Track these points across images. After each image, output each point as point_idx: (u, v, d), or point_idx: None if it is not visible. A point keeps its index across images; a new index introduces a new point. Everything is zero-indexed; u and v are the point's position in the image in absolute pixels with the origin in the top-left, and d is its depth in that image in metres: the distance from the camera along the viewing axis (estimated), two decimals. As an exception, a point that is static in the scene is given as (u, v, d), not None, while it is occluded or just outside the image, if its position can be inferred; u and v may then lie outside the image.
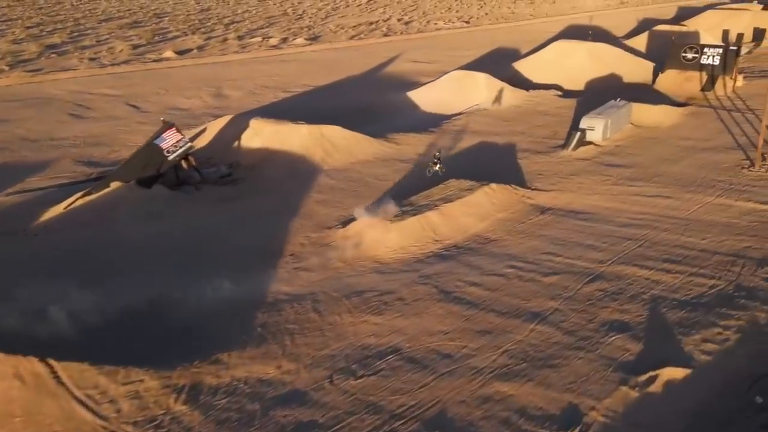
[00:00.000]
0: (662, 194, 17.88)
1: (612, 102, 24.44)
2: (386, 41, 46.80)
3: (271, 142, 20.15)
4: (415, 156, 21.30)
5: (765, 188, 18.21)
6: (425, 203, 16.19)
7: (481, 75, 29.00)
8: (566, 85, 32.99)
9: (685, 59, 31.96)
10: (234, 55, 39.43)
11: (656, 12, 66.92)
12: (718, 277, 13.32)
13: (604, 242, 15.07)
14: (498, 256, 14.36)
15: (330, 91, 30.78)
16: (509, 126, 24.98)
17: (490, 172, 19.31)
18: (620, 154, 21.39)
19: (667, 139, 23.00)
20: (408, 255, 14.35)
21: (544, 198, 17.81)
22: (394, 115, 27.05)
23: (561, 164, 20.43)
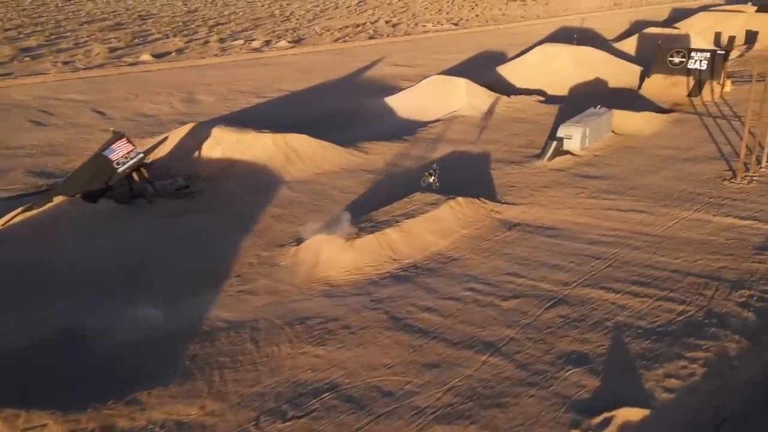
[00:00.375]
0: (637, 208, 17.04)
1: (592, 109, 23.61)
2: (371, 44, 45.97)
3: (232, 151, 19.30)
4: (384, 166, 20.48)
5: (745, 202, 17.34)
6: (386, 219, 15.32)
7: (460, 80, 28.15)
8: (550, 90, 32.19)
9: (672, 64, 31.16)
10: (213, 58, 38.57)
11: (650, 14, 66.20)
12: (688, 302, 12.47)
13: (572, 261, 14.22)
14: (457, 277, 13.51)
15: (305, 96, 29.94)
16: (485, 134, 24.14)
17: (460, 183, 18.49)
18: (597, 164, 20.55)
19: (647, 148, 22.18)
20: (362, 276, 13.49)
21: (513, 212, 16.97)
22: (369, 122, 26.21)
23: (535, 175, 19.59)
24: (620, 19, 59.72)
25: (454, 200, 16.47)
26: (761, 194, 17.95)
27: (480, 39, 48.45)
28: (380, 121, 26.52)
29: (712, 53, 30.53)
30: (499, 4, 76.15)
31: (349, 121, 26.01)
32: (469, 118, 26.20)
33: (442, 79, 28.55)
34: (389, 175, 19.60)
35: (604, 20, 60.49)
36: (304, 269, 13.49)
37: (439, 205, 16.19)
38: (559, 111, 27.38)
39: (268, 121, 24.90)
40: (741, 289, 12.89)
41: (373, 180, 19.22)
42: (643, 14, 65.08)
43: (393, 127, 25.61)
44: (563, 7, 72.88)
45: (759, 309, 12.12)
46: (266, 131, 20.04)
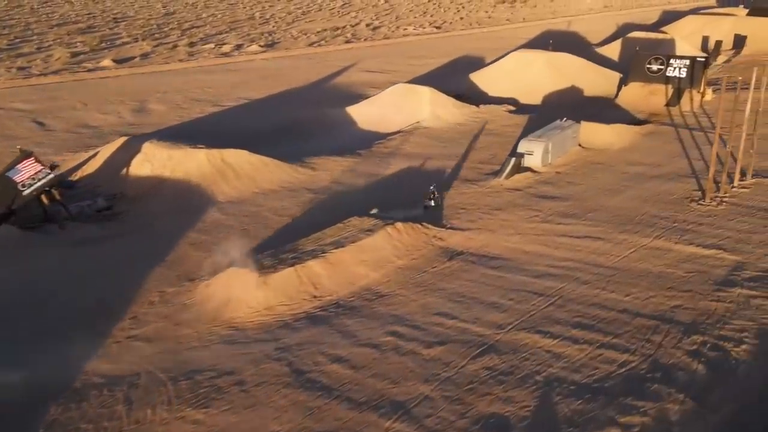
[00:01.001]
0: (593, 234, 15.60)
1: (557, 122, 22.19)
2: (346, 48, 44.55)
3: (162, 169, 17.86)
4: (329, 184, 19.03)
5: (712, 227, 15.91)
6: (312, 248, 13.88)
7: (424, 89, 26.72)
8: (523, 98, 30.78)
9: (650, 71, 29.77)
10: (177, 63, 37.11)
11: (639, 17, 64.81)
12: (632, 350, 11.04)
13: (511, 299, 12.79)
14: (381, 318, 12.07)
15: (264, 105, 28.51)
16: (446, 148, 22.72)
17: (405, 206, 17.03)
18: (558, 183, 19.11)
19: (614, 164, 20.76)
20: (273, 317, 12.04)
21: (458, 239, 15.53)
22: (326, 134, 24.78)
23: (489, 196, 18.15)
24: (608, 23, 58.35)
25: (393, 226, 15.05)
26: (730, 218, 16.51)
27: (461, 43, 47.04)
28: (338, 133, 25.08)
29: (691, 60, 29.13)
30: (486, 7, 74.72)
31: (305, 133, 24.59)
32: (431, 129, 24.76)
33: (406, 88, 27.11)
34: (333, 194, 18.17)
35: (591, 23, 59.12)
36: (210, 309, 12.04)
37: (374, 231, 14.77)
38: (528, 122, 25.98)
39: (216, 133, 23.51)
40: (694, 335, 11.46)
41: (313, 200, 17.79)
42: (633, 17, 63.70)
43: (350, 139, 24.17)
44: (551, 10, 71.46)
45: (710, 360, 10.69)
46: (201, 146, 18.60)
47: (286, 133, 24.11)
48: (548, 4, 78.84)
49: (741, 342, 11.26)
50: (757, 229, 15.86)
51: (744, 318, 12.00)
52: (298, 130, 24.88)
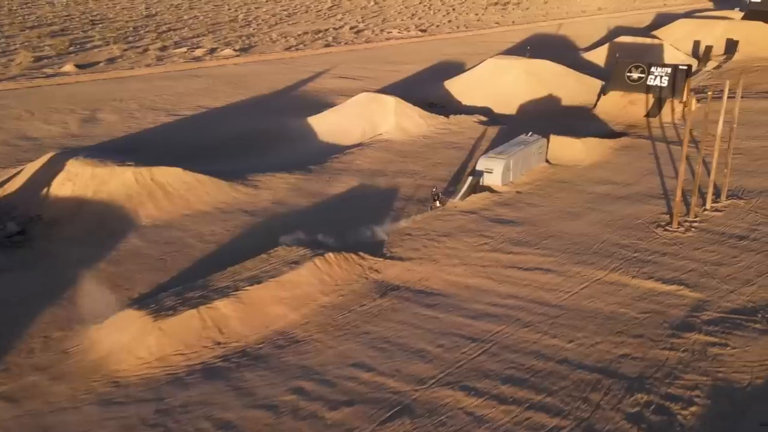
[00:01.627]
0: (544, 266, 14.15)
1: (522, 137, 20.73)
2: (324, 52, 43.10)
3: (84, 189, 16.44)
4: (270, 205, 17.60)
5: (676, 258, 14.46)
6: (225, 285, 12.41)
7: (390, 99, 25.27)
8: (498, 107, 29.36)
9: (630, 80, 28.31)
10: (143, 69, 35.67)
11: (632, 19, 63.31)
12: (565, 413, 9.59)
13: (441, 345, 11.36)
14: (288, 371, 10.62)
15: (222, 114, 27.07)
16: (404, 163, 21.25)
17: (345, 231, 15.60)
18: (516, 204, 17.64)
19: (581, 183, 19.29)
20: (164, 370, 10.57)
21: (396, 271, 14.09)
22: (281, 147, 23.34)
23: (440, 219, 16.70)
24: (600, 25, 56.85)
25: (323, 257, 13.59)
26: (697, 246, 15.04)
27: (444, 47, 45.61)
28: (295, 146, 23.67)
29: (673, 68, 27.64)
30: (478, 9, 73.22)
31: (259, 145, 23.17)
32: (393, 142, 23.30)
33: (370, 97, 25.66)
34: (270, 217, 16.73)
35: (582, 26, 57.65)
36: (94, 359, 10.56)
37: (301, 264, 13.32)
38: (498, 134, 24.53)
39: (161, 146, 22.14)
40: (638, 392, 10.01)
41: (247, 224, 16.35)
42: (626, 20, 62.21)
43: (306, 152, 22.74)
44: (543, 12, 69.97)
45: (652, 426, 9.21)
46: (130, 164, 17.14)
47: (238, 146, 22.66)
48: (542, 6, 77.37)
49: (690, 403, 9.83)
50: (725, 260, 14.39)
51: (697, 371, 10.55)
52: (252, 142, 23.46)
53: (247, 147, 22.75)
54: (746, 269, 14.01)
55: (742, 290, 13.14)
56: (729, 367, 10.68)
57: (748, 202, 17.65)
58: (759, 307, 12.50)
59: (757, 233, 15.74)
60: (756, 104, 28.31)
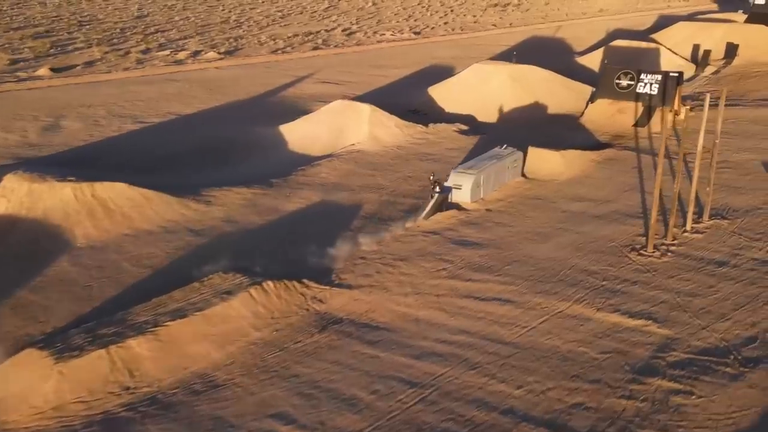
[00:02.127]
0: (503, 296, 12.99)
1: (496, 150, 19.57)
2: (311, 56, 41.99)
3: (19, 206, 15.40)
4: (219, 223, 16.49)
5: (647, 287, 13.31)
6: (145, 319, 11.23)
7: (365, 107, 24.12)
8: (481, 115, 28.14)
9: (619, 87, 27.08)
10: (120, 72, 34.66)
11: (633, 22, 61.89)
12: (500, 479, 8.34)
13: (376, 391, 10.26)
14: (197, 424, 9.52)
15: (192, 121, 26.01)
16: (372, 177, 20.12)
17: (296, 253, 14.46)
18: (484, 224, 16.49)
19: (556, 199, 18.10)
20: (59, 422, 9.48)
21: (341, 301, 12.96)
22: (247, 157, 22.30)
23: (399, 241, 15.57)
24: (599, 28, 55.53)
25: (260, 286, 12.48)
26: (672, 274, 13.87)
27: (435, 50, 44.42)
28: (262, 156, 22.60)
29: (664, 76, 26.44)
30: (476, 11, 71.96)
31: (224, 156, 22.09)
32: (365, 153, 22.16)
33: (345, 105, 24.53)
34: (216, 237, 15.63)
35: (581, 28, 56.36)
36: (-17, 408, 9.39)
37: (234, 294, 12.18)
38: (478, 144, 23.32)
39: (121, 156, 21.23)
40: (586, 454, 8.76)
41: (191, 245, 15.24)
42: (627, 22, 60.81)
43: (272, 164, 21.65)
44: (543, 14, 68.67)
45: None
46: (71, 179, 16.06)
47: (202, 156, 21.60)
48: (542, 7, 76.06)
49: (643, 467, 8.59)
50: (701, 290, 13.22)
51: (655, 426, 9.38)
52: (217, 152, 22.36)
53: (211, 157, 21.68)
54: (722, 301, 12.81)
55: (715, 326, 11.94)
56: (691, 420, 9.52)
57: (732, 223, 16.45)
58: (732, 347, 11.30)
59: (739, 259, 14.53)
60: (750, 113, 27.05)
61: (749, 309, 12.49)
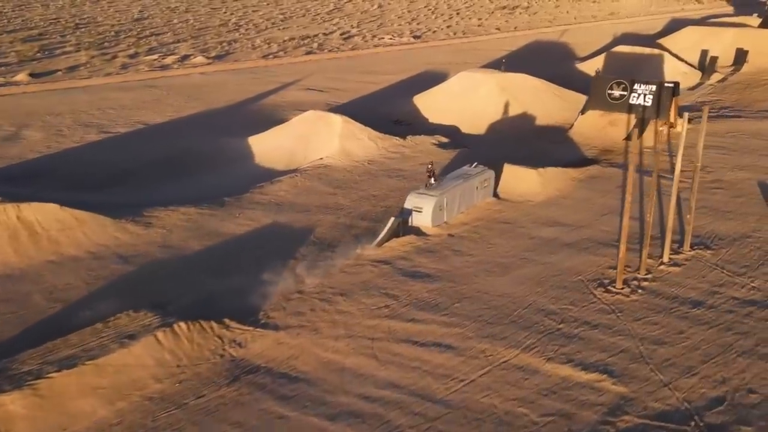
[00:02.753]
0: (446, 340, 11.62)
1: (465, 168, 18.15)
2: (303, 60, 40.71)
3: (-65, 231, 14.05)
4: (153, 248, 15.23)
5: (609, 331, 11.84)
6: (27, 369, 9.93)
7: (337, 118, 22.76)
8: (466, 126, 26.72)
9: (611, 98, 25.52)
10: (101, 78, 33.64)
11: (643, 26, 60.11)
12: None
13: (273, 462, 8.72)
14: (59, 500, 8.06)
15: (160, 131, 24.89)
16: (334, 196, 18.75)
17: (224, 287, 13.11)
18: (442, 252, 15.06)
19: (526, 224, 16.63)
20: None
21: (263, 345, 11.63)
22: (207, 172, 21.13)
23: (344, 272, 14.23)
24: (606, 32, 53.86)
25: (170, 328, 11.12)
26: (639, 316, 12.40)
27: (432, 55, 43.02)
28: (225, 170, 21.34)
29: (658, 86, 24.80)
30: (483, 14, 70.39)
31: (184, 170, 20.90)
32: (332, 168, 20.78)
33: (317, 116, 23.20)
34: (146, 265, 14.33)
35: (587, 33, 54.72)
36: None
37: (138, 337, 10.82)
38: (455, 159, 21.88)
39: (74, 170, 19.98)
40: None
41: (116, 274, 13.97)
42: (636, 26, 59.06)
43: (233, 178, 20.41)
44: (551, 18, 66.97)
45: None
46: None
47: (160, 171, 20.41)
48: (551, 10, 74.37)
49: None
50: (669, 336, 11.73)
51: None
52: (177, 165, 21.14)
53: (171, 171, 20.46)
54: (691, 351, 11.31)
55: (678, 383, 10.45)
56: None
57: (716, 254, 14.90)
58: (694, 410, 9.81)
59: (717, 298, 13.01)
60: (752, 125, 25.39)
61: (720, 362, 10.96)
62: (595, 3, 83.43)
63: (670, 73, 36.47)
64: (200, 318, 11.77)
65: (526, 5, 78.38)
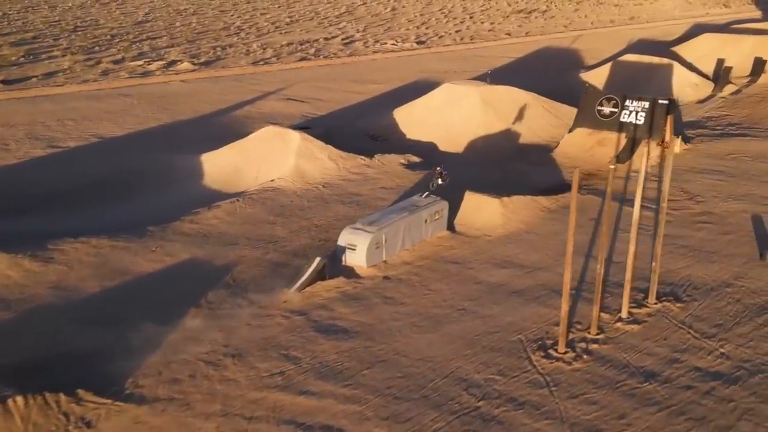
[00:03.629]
0: (336, 423, 9.94)
1: (414, 198, 16.21)
2: (294, 67, 39.04)
3: None
4: (45, 291, 13.42)
5: (534, 413, 9.87)
6: None
7: (295, 135, 20.93)
8: (444, 144, 24.73)
9: (601, 114, 23.34)
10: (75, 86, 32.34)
11: (662, 31, 57.44)
12: None
13: None
14: None
15: (112, 145, 23.43)
16: (272, 226, 16.98)
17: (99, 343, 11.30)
18: (370, 300, 13.13)
19: (476, 265, 14.67)
20: None
21: (117, 424, 10.00)
22: (148, 193, 19.37)
23: (248, 324, 12.39)
24: (621, 38, 51.38)
25: (1, 405, 9.14)
26: (577, 391, 10.42)
27: (432, 62, 41.07)
28: (164, 192, 19.70)
29: (652, 102, 22.54)
30: (498, 18, 68.06)
31: (120, 192, 19.34)
32: (282, 192, 18.95)
33: (274, 133, 21.40)
34: (23, 314, 12.46)
35: (601, 38, 52.29)
36: None
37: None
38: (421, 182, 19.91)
39: None
40: None
41: None
42: (655, 31, 56.44)
43: (170, 203, 18.75)
44: (566, 22, 64.48)
45: None
46: None
47: (91, 193, 18.85)
48: (569, 14, 71.81)
49: None
50: (607, 421, 9.82)
51: None
52: (118, 186, 19.62)
53: (102, 193, 18.85)
54: (629, 446, 9.14)
55: (603, 494, 8.29)
56: None
57: (686, 308, 12.77)
58: None
59: (676, 369, 10.91)
60: (759, 146, 23.12)
61: (661, 462, 8.81)
62: (617, 7, 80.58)
63: (680, 85, 34.10)
64: (47, 388, 9.84)
65: (545, 9, 75.87)
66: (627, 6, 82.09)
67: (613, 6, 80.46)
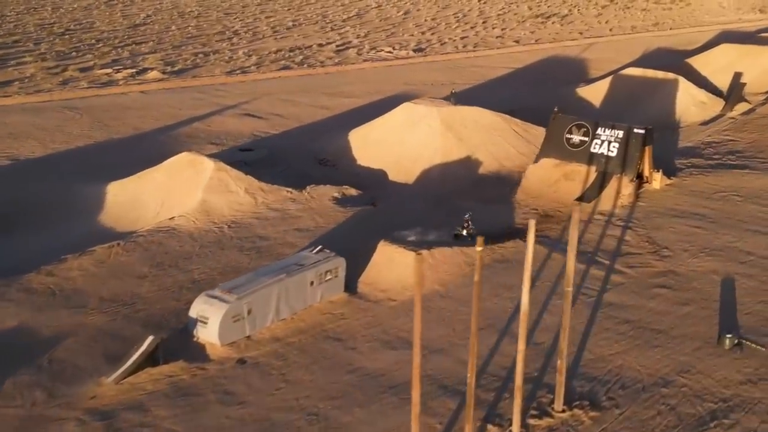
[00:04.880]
0: None
1: (303, 254, 13.49)
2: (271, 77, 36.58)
3: None
4: None
5: None
6: None
7: (209, 164, 18.33)
8: (396, 172, 22.03)
9: (570, 144, 20.28)
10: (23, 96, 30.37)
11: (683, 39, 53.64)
12: None
13: None
14: None
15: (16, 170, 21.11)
16: (139, 282, 14.39)
17: None
18: (202, 397, 10.52)
19: (363, 342, 12.07)
20: None
21: None
22: (36, 231, 16.95)
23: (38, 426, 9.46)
24: (636, 46, 47.97)
25: None
26: None
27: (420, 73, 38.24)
28: (51, 230, 17.31)
29: (626, 132, 19.44)
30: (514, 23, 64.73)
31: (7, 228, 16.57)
32: (175, 234, 16.35)
33: (188, 160, 18.79)
34: None
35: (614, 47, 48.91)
36: None
37: None
38: (349, 222, 17.09)
39: None
40: None
41: None
42: (676, 39, 52.75)
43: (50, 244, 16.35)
44: (583, 28, 60.94)
45: None
46: None
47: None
48: (589, 20, 68.15)
49: None
50: None
51: None
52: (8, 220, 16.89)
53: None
54: None
55: None
56: None
57: (601, 419, 9.80)
58: None
59: None
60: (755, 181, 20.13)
61: None
62: (644, 12, 76.59)
63: (685, 103, 30.71)
64: None
65: (565, 13, 72.25)
66: (654, 11, 78.00)
67: (639, 11, 76.45)
